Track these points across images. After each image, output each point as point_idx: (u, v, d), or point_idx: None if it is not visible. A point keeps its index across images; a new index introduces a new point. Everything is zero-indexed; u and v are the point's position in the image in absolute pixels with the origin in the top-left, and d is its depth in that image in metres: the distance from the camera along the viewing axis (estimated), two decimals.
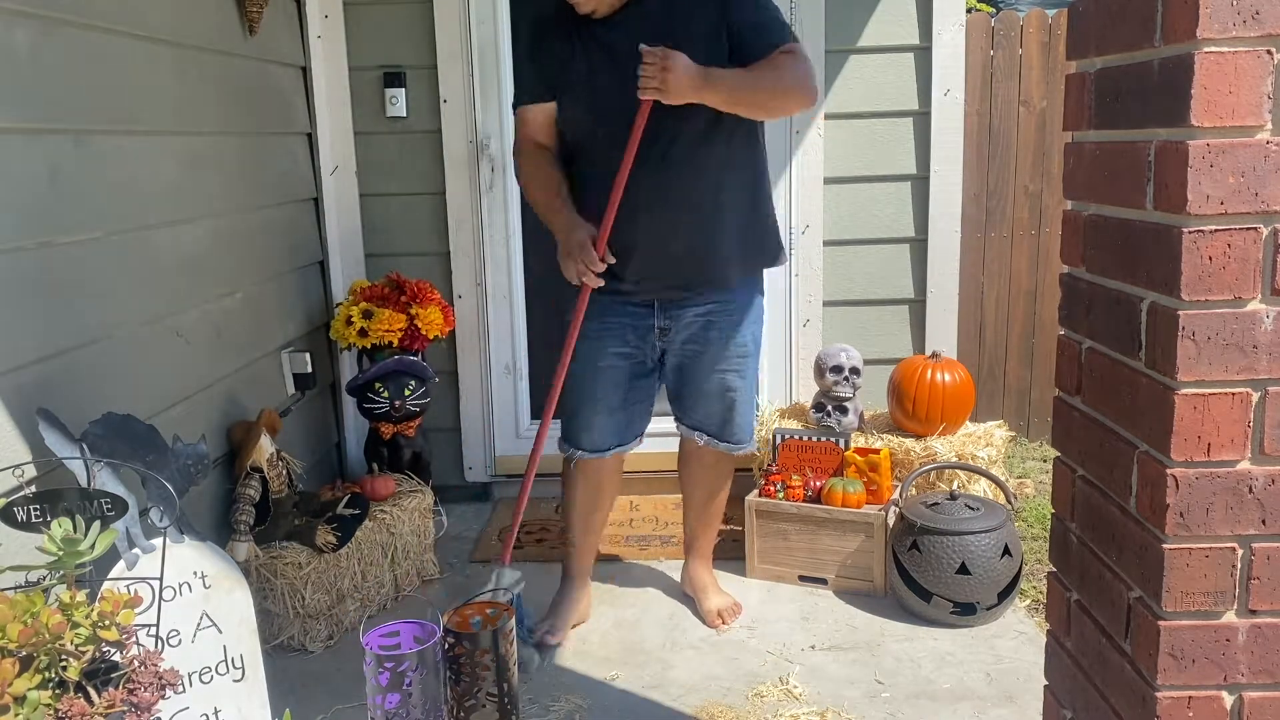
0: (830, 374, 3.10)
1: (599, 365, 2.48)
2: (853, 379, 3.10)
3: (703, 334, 2.48)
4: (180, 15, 2.49)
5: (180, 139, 2.48)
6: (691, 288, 2.44)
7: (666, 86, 2.16)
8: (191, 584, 1.87)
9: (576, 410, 2.53)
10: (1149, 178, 1.13)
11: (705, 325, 2.48)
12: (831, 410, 3.12)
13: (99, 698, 1.31)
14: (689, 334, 2.49)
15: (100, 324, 2.08)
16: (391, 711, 1.96)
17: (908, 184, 3.48)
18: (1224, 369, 1.09)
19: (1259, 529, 1.12)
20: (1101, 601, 1.28)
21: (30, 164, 1.88)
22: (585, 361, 2.46)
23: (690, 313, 2.46)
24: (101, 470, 1.75)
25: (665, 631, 2.67)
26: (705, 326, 2.48)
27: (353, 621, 2.68)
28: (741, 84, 2.24)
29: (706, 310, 2.47)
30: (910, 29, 3.37)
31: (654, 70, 2.15)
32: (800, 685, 2.38)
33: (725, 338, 2.49)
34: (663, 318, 2.47)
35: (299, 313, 3.23)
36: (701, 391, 2.54)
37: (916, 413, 3.08)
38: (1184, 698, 1.15)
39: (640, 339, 2.48)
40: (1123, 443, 1.21)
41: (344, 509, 2.73)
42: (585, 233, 2.33)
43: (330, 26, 3.38)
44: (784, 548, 2.91)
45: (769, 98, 2.29)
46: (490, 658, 2.09)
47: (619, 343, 2.47)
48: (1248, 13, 1.02)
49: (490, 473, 3.68)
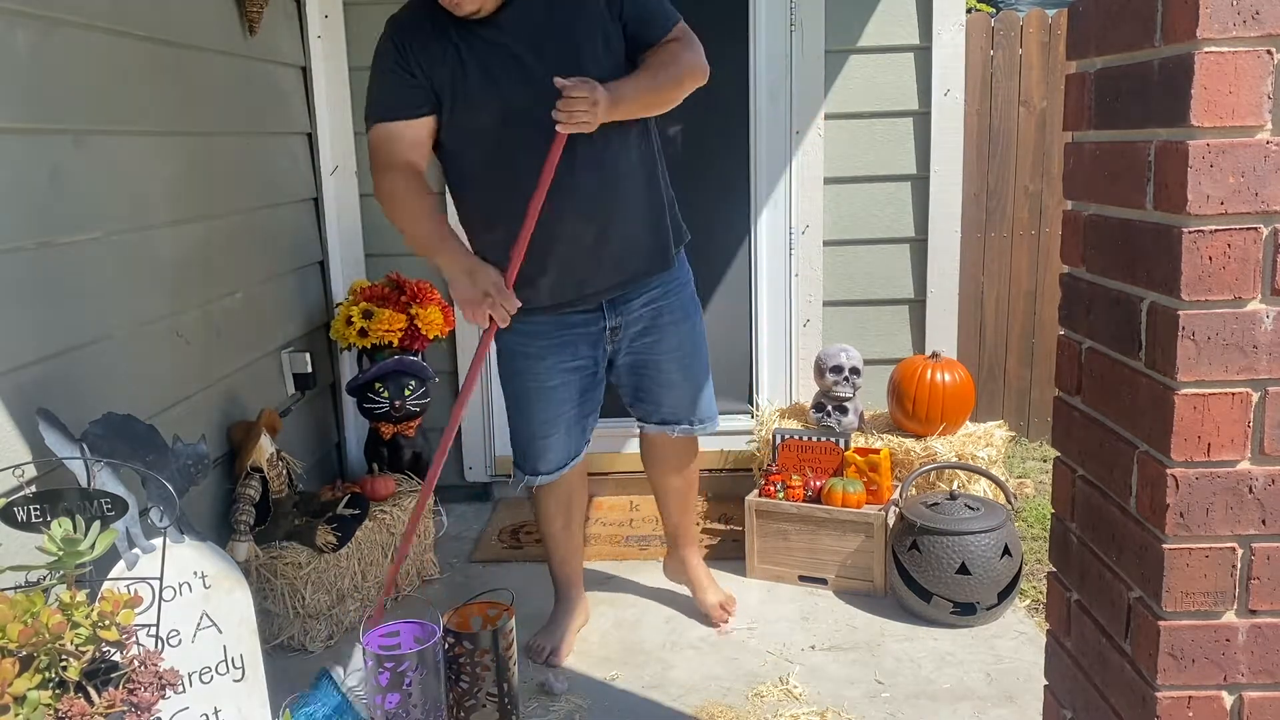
0: (830, 374, 3.10)
1: (550, 385, 2.40)
2: (853, 379, 3.10)
3: (655, 322, 2.44)
4: (180, 15, 2.49)
5: (180, 139, 2.48)
6: (635, 278, 2.37)
7: (594, 120, 2.09)
8: (191, 584, 1.87)
9: (532, 438, 2.47)
10: (1149, 178, 1.13)
11: (655, 313, 2.43)
12: (831, 410, 3.12)
13: (99, 698, 1.31)
14: (641, 326, 2.43)
15: (100, 324, 2.08)
16: (391, 711, 1.96)
17: (908, 184, 3.48)
18: (1224, 369, 1.09)
19: (1259, 529, 1.12)
20: (1101, 601, 1.28)
21: (30, 164, 1.88)
22: (535, 384, 2.41)
23: (637, 304, 2.41)
24: (101, 470, 1.75)
25: (665, 631, 2.67)
26: (655, 314, 2.43)
27: (353, 621, 2.68)
28: (643, 90, 2.19)
29: (652, 296, 2.42)
30: (910, 29, 3.37)
31: (586, 105, 2.05)
32: (800, 685, 2.38)
33: (677, 319, 2.46)
34: (613, 317, 2.40)
35: (299, 313, 3.23)
36: (668, 381, 2.49)
37: (916, 413, 3.08)
38: (1184, 698, 1.15)
39: (592, 346, 2.41)
40: (1123, 443, 1.21)
41: (344, 509, 2.73)
42: (496, 272, 2.20)
43: (330, 26, 3.38)
44: (784, 548, 2.91)
45: (670, 92, 2.25)
46: (490, 658, 2.09)
47: (569, 357, 2.39)
48: (1248, 13, 1.02)
49: (490, 473, 3.68)
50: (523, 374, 2.41)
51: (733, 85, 3.45)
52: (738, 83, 3.46)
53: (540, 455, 2.48)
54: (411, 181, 2.24)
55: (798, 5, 3.35)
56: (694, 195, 3.63)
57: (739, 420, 3.61)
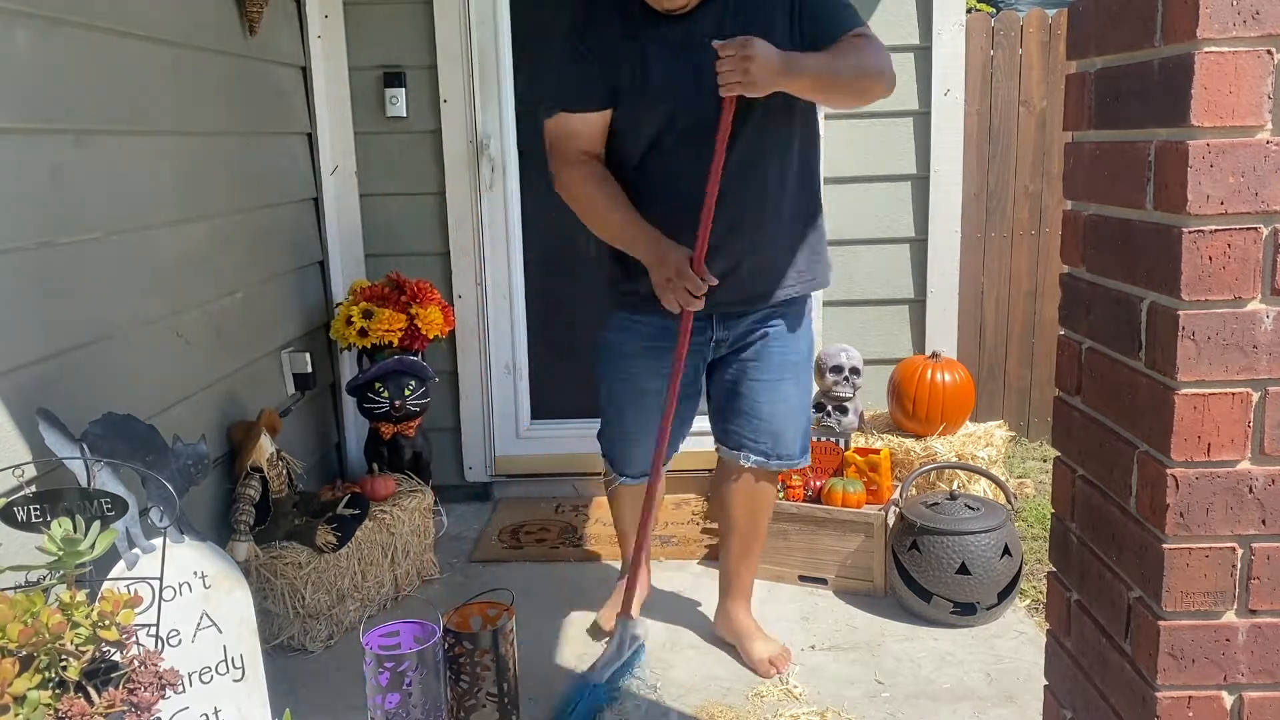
0: (830, 374, 3.11)
1: (646, 388, 2.36)
2: (852, 379, 3.10)
3: (762, 346, 2.33)
4: (180, 15, 2.49)
5: (180, 139, 2.48)
6: (761, 299, 2.29)
7: (750, 76, 1.96)
8: (191, 584, 1.87)
9: (623, 439, 2.44)
10: (1149, 178, 1.13)
11: (765, 337, 2.33)
12: (831, 410, 3.12)
13: (99, 698, 1.31)
14: (746, 345, 2.34)
15: (100, 324, 2.08)
16: (391, 711, 1.96)
17: (908, 184, 3.48)
18: (1224, 369, 1.09)
19: (1259, 529, 1.12)
20: (1101, 601, 1.28)
21: (30, 164, 1.88)
22: (631, 385, 2.37)
23: (749, 322, 2.32)
24: (101, 470, 1.75)
25: (665, 631, 2.67)
26: (764, 338, 2.33)
27: (353, 621, 2.68)
28: (824, 68, 2.06)
29: (766, 317, 2.32)
30: (910, 29, 3.37)
31: (735, 62, 1.96)
32: (800, 685, 2.38)
33: (784, 348, 2.34)
34: (721, 329, 2.33)
35: (299, 313, 3.23)
36: (755, 407, 2.36)
37: (916, 413, 3.08)
38: (1184, 698, 1.15)
39: (693, 355, 2.30)
40: (1123, 443, 1.21)
41: (344, 509, 2.73)
42: (682, 254, 2.13)
43: (330, 26, 3.38)
44: (784, 548, 2.91)
45: (852, 80, 2.11)
46: (490, 658, 2.09)
47: (668, 365, 2.26)
48: (1248, 13, 1.02)
49: (490, 473, 3.68)
50: (620, 373, 2.38)
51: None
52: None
53: (627, 459, 2.47)
54: (593, 174, 2.21)
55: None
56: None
57: None
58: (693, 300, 2.13)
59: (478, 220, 3.51)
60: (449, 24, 3.38)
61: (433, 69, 3.40)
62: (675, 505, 3.53)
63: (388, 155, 3.47)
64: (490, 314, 3.60)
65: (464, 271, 3.53)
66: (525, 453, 3.70)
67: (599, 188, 2.21)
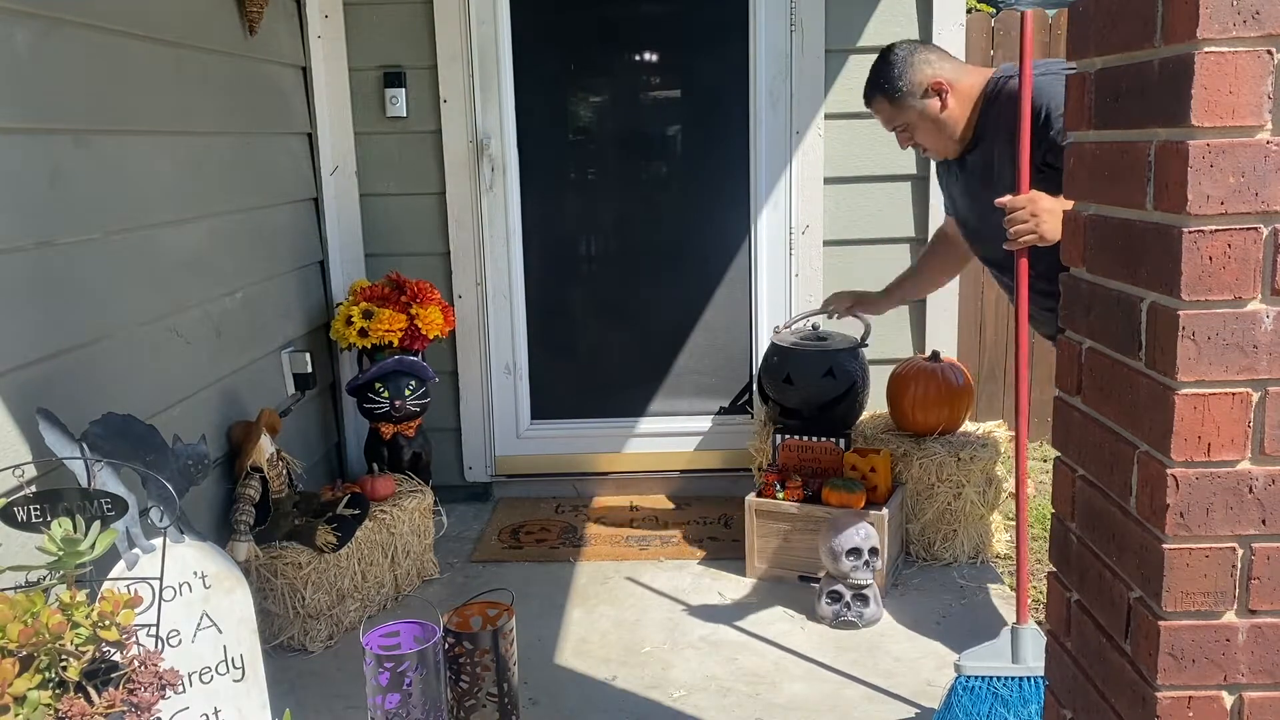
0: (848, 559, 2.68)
1: None
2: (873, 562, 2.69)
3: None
4: (180, 15, 2.49)
5: (180, 139, 2.48)
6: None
7: (1042, 229, 2.15)
8: (191, 584, 1.87)
9: None
10: (1149, 178, 1.12)
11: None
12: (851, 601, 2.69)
13: (99, 698, 1.31)
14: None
15: (100, 324, 2.08)
16: (391, 711, 1.96)
17: (908, 184, 3.48)
18: (1224, 369, 1.09)
19: (1259, 529, 1.12)
20: (1101, 601, 1.28)
21: (30, 164, 1.88)
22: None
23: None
24: (101, 470, 1.75)
25: (665, 631, 2.67)
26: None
27: (353, 621, 2.68)
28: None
29: None
30: (910, 29, 3.37)
31: (1024, 216, 2.16)
32: (800, 685, 2.38)
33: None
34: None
35: (299, 313, 3.23)
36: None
37: (916, 413, 3.08)
38: (1184, 698, 1.15)
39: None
40: (1123, 443, 1.21)
41: (344, 509, 2.73)
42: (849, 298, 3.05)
43: (330, 26, 3.38)
44: (784, 548, 2.91)
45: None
46: (490, 658, 2.09)
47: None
48: (1248, 13, 1.02)
49: (490, 473, 3.68)
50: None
51: (733, 85, 3.45)
52: (738, 83, 3.46)
53: None
54: (936, 243, 2.97)
55: (798, 5, 3.35)
56: (694, 195, 3.64)
57: (739, 420, 3.61)
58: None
59: (478, 220, 3.51)
60: (449, 24, 3.38)
61: (433, 69, 3.40)
62: (676, 505, 3.53)
63: (388, 155, 3.48)
64: (490, 314, 3.60)
65: (464, 271, 3.53)
66: (525, 453, 3.70)
67: (925, 252, 3.06)
